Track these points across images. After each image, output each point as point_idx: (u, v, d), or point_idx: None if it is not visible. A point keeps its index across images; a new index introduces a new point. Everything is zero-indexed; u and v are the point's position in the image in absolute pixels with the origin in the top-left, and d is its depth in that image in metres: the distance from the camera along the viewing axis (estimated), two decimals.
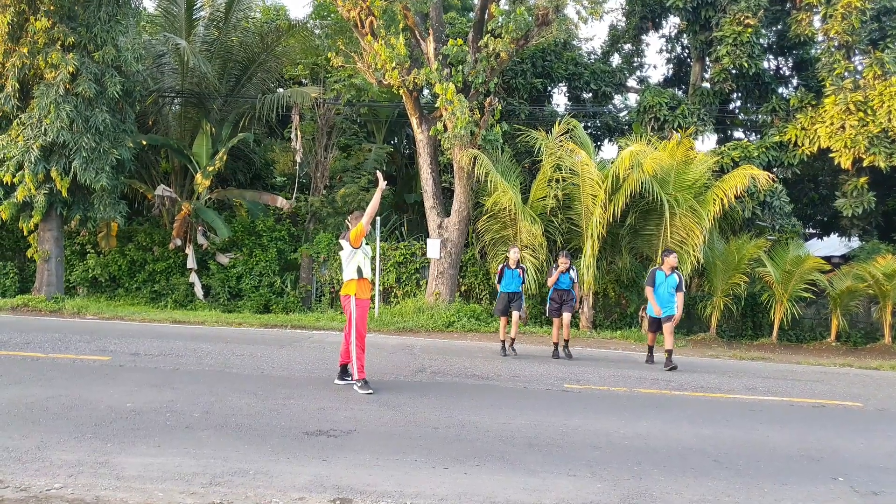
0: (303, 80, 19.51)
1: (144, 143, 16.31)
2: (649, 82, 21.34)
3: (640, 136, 16.12)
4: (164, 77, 17.21)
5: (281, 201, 17.25)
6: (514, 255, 10.90)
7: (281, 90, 18.09)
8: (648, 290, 10.51)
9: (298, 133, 16.88)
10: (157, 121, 17.85)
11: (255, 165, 19.53)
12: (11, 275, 15.77)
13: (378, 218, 15.45)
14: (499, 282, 10.88)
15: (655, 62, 63.20)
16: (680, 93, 19.75)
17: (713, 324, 15.02)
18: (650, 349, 11.09)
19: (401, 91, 14.38)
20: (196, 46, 16.44)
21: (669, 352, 10.23)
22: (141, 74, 15.68)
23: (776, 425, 7.15)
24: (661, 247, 14.23)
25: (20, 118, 13.38)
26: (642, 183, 13.66)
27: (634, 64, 21.74)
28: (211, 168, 15.63)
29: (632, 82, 21.63)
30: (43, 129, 13.10)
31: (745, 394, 8.78)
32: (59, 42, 13.26)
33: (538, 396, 7.93)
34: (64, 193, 13.57)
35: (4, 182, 13.28)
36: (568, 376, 9.22)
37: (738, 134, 20.68)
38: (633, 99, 21.89)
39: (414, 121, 15.11)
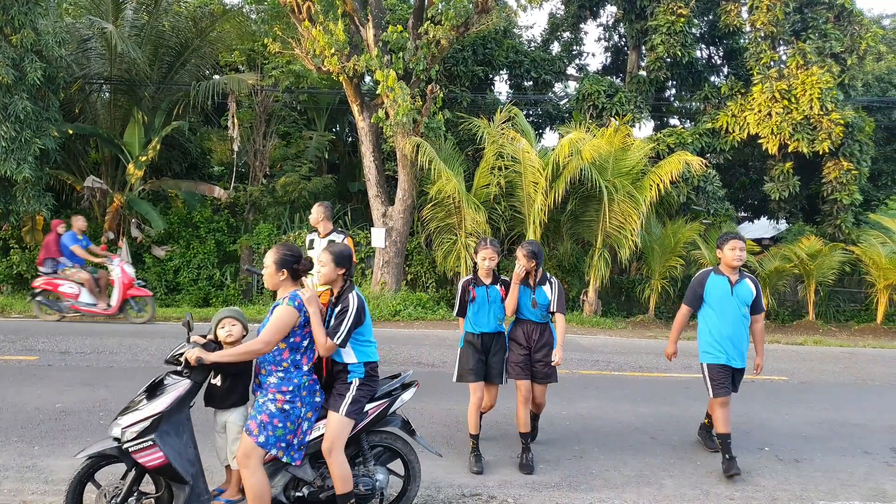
0: (239, 67, 18.95)
1: (71, 132, 15.53)
2: (588, 70, 21.67)
3: (580, 124, 16.35)
4: (90, 63, 16.40)
5: (218, 191, 16.78)
6: (490, 256, 5.25)
7: (217, 77, 17.53)
8: (683, 315, 5.62)
9: (235, 121, 16.41)
10: (85, 109, 17.03)
11: (190, 155, 18.91)
12: None
13: None
14: (461, 311, 5.36)
15: (594, 50, 64.07)
16: (618, 81, 20.15)
17: (651, 306, 15.47)
18: (709, 431, 5.91)
19: (341, 78, 14.15)
20: (125, 31, 15.74)
21: (724, 438, 5.22)
22: (64, 60, 14.90)
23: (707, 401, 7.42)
24: (600, 233, 14.50)
25: None
26: (582, 170, 13.87)
27: (574, 52, 22.03)
28: (144, 158, 15.04)
29: (571, 70, 21.91)
30: None
31: (681, 372, 9.09)
32: None
33: None
34: None
35: None
36: None
37: (674, 121, 21.27)
38: (572, 87, 22.20)
39: (355, 108, 14.91)
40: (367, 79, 16.15)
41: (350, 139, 21.97)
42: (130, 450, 3.53)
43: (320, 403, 3.80)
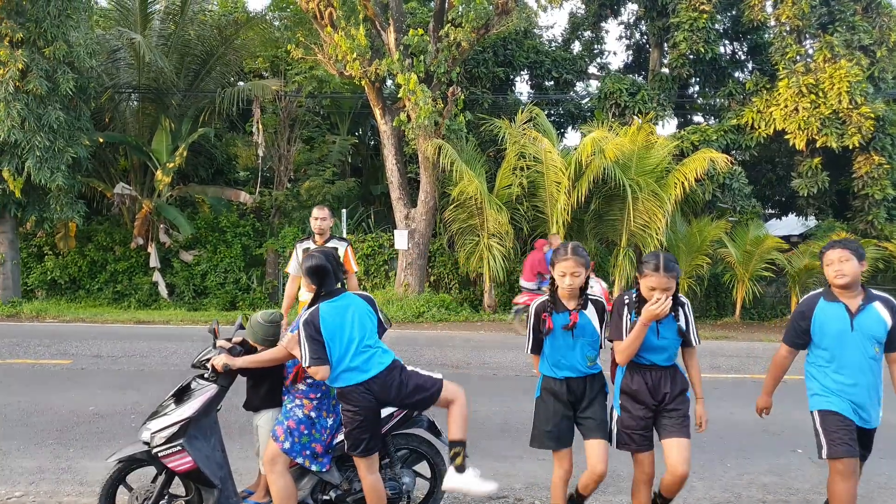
0: (263, 73, 19.21)
1: (101, 140, 15.88)
2: (610, 69, 21.55)
3: (602, 123, 16.26)
4: (119, 73, 16.76)
5: (244, 196, 17.01)
6: (572, 271, 3.60)
7: (241, 84, 17.79)
8: (782, 359, 4.08)
9: (260, 126, 16.63)
10: (114, 118, 17.39)
11: (216, 161, 19.20)
12: None
13: (344, 211, 15.38)
14: (535, 347, 3.88)
15: (615, 49, 63.61)
16: (640, 79, 19.97)
17: None
18: None
19: (363, 82, 14.27)
20: (152, 41, 16.05)
21: None
22: (95, 70, 15.25)
23: (739, 402, 7.32)
24: (625, 232, 14.39)
25: None
26: (605, 168, 13.80)
27: (595, 51, 21.91)
28: (171, 164, 15.32)
29: (593, 69, 21.80)
30: None
31: (709, 372, 8.98)
32: (7, 38, 12.82)
33: (508, 382, 8.00)
34: (17, 194, 13.18)
35: None
36: None
37: (698, 118, 21.04)
38: (594, 86, 22.08)
39: (377, 112, 15.01)
40: (389, 82, 16.24)
41: (372, 142, 22.11)
42: (160, 454, 3.59)
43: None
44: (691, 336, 3.74)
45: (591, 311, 3.68)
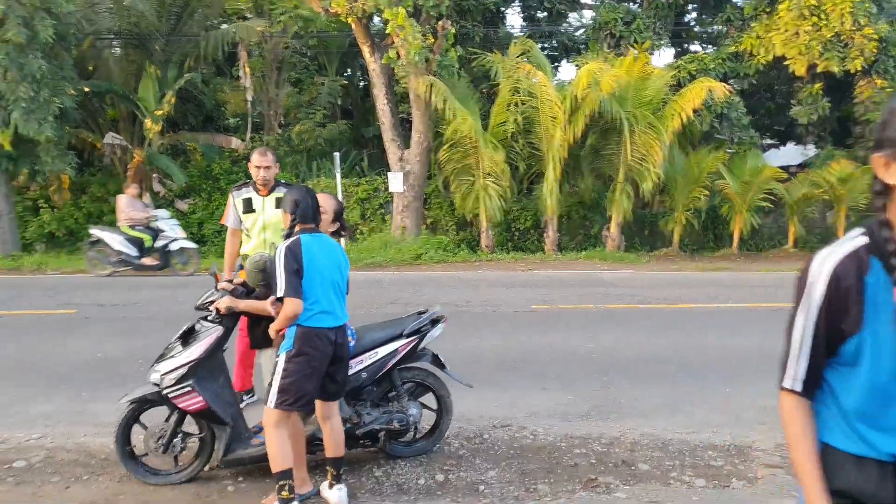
0: (246, 15, 18.63)
1: (87, 89, 15.54)
2: None
3: (597, 55, 15.92)
4: (99, 18, 16.22)
5: (235, 142, 16.79)
6: None
7: (224, 26, 17.28)
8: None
9: (247, 70, 16.26)
10: (98, 66, 16.95)
11: (205, 107, 18.84)
12: None
13: (337, 154, 15.19)
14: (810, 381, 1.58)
15: None
16: (635, 7, 19.45)
17: (676, 238, 15.35)
18: None
19: (349, 19, 13.86)
20: None
21: None
22: (74, 16, 14.74)
23: (737, 331, 7.46)
24: (622, 166, 14.29)
25: None
26: (601, 102, 13.58)
27: None
28: (159, 112, 15.03)
29: None
30: None
31: (707, 303, 9.10)
32: None
33: (507, 318, 8.12)
34: (7, 147, 12.99)
35: None
36: (535, 298, 9.42)
37: (695, 47, 20.57)
38: (588, 16, 21.51)
39: (365, 50, 14.65)
40: (377, 19, 15.80)
41: (362, 83, 21.66)
42: (170, 395, 3.67)
43: (352, 348, 3.88)
44: None
45: None
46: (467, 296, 9.56)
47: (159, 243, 11.85)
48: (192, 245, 12.32)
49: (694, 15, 19.55)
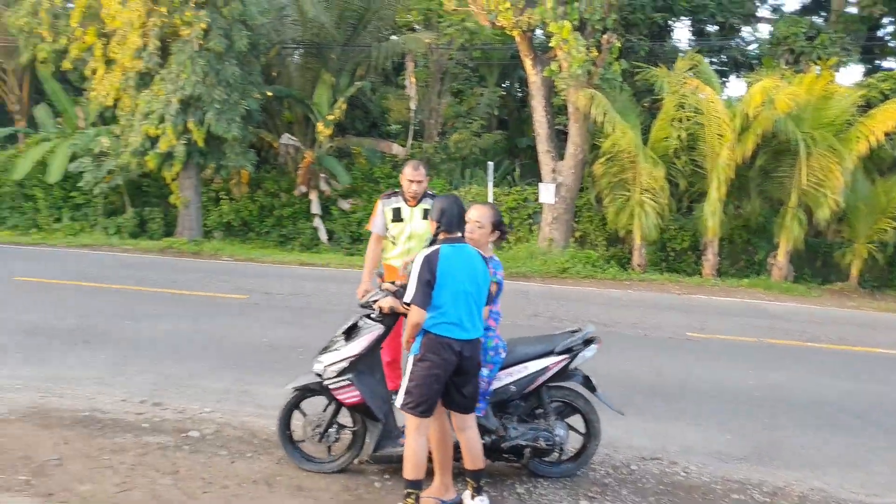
0: (416, 27, 19.45)
1: (269, 94, 17.01)
2: (783, 11, 19.50)
3: (773, 71, 14.82)
4: (285, 29, 17.71)
5: (396, 148, 17.55)
6: None
7: (394, 37, 18.16)
8: None
9: (412, 80, 16.94)
10: (280, 72, 18.50)
11: (371, 114, 19.87)
12: (158, 220, 17.16)
13: (490, 163, 15.38)
14: None
15: None
16: (820, 21, 17.90)
17: (854, 272, 13.84)
18: None
19: (514, 32, 14.00)
20: None
21: None
22: (265, 27, 16.22)
23: None
24: (794, 190, 13.20)
25: (161, 74, 14.30)
26: (775, 121, 12.64)
27: None
28: (331, 117, 16.09)
29: (764, 12, 19.85)
30: (181, 83, 13.94)
31: (890, 348, 8.12)
32: (192, 0, 13.96)
33: (660, 344, 7.74)
34: (200, 143, 14.48)
35: (150, 134, 14.36)
36: (691, 325, 8.91)
37: (889, 63, 18.54)
38: (764, 30, 20.14)
39: (527, 62, 14.71)
40: (539, 32, 15.81)
41: (519, 94, 21.79)
42: (330, 387, 3.87)
43: (503, 361, 3.88)
44: None
45: None
46: (616, 315, 9.25)
47: None
48: None
49: (890, 29, 17.61)
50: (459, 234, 3.54)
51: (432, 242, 3.53)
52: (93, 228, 16.87)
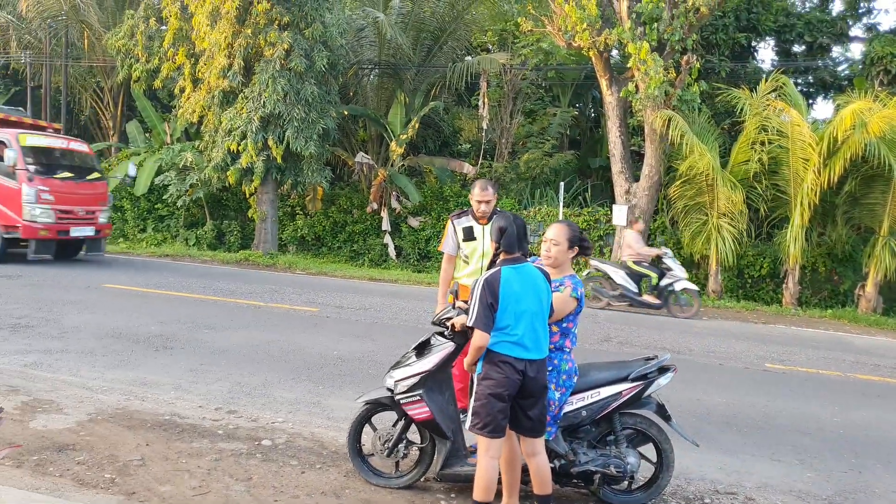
0: (490, 47, 19.64)
1: (346, 112, 17.52)
2: (878, 30, 18.57)
3: (865, 92, 14.12)
4: (363, 50, 18.26)
5: (466, 167, 17.68)
6: None
7: (469, 58, 18.38)
8: None
9: (486, 100, 17.07)
10: (357, 92, 19.03)
11: (443, 133, 20.12)
12: (235, 232, 17.89)
13: (562, 184, 15.27)
14: None
15: (888, 6, 54.44)
16: None
17: None
18: None
19: (591, 53, 13.93)
20: (392, 19, 17.18)
21: None
22: (344, 48, 16.76)
23: None
24: (887, 218, 12.51)
25: (244, 93, 14.98)
26: (866, 145, 12.04)
27: (861, 10, 18.97)
28: (404, 136, 16.40)
29: (857, 31, 18.96)
30: (262, 101, 14.55)
31: None
32: (276, 22, 14.58)
33: (736, 374, 7.44)
34: (279, 160, 15.03)
35: (231, 150, 15.01)
36: (770, 355, 8.53)
37: None
38: (856, 50, 19.25)
39: (603, 82, 14.58)
40: (615, 52, 15.66)
41: (592, 114, 21.59)
42: (401, 402, 3.91)
43: (574, 384, 3.83)
44: None
45: None
46: (690, 343, 8.96)
47: (664, 282, 11.22)
48: (694, 287, 11.44)
49: None
50: (520, 254, 3.54)
51: (492, 263, 3.55)
52: (174, 239, 17.74)
